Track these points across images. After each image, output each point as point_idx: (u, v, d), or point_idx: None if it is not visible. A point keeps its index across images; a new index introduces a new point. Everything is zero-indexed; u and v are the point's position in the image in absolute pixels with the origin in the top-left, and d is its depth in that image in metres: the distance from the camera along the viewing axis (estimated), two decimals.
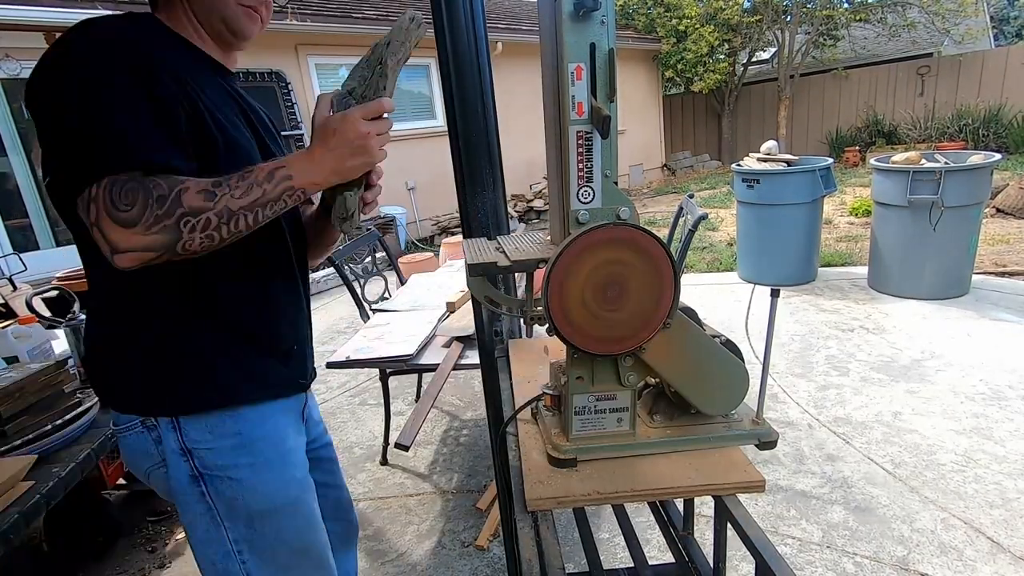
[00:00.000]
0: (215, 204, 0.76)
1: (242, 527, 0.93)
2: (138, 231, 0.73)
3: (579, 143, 0.74)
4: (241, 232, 0.80)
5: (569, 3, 0.69)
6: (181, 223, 0.74)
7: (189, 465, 0.90)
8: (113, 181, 0.73)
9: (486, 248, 0.91)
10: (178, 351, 0.89)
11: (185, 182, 0.76)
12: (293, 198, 0.82)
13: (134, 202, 0.73)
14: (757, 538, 0.75)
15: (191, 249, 0.77)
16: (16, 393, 1.50)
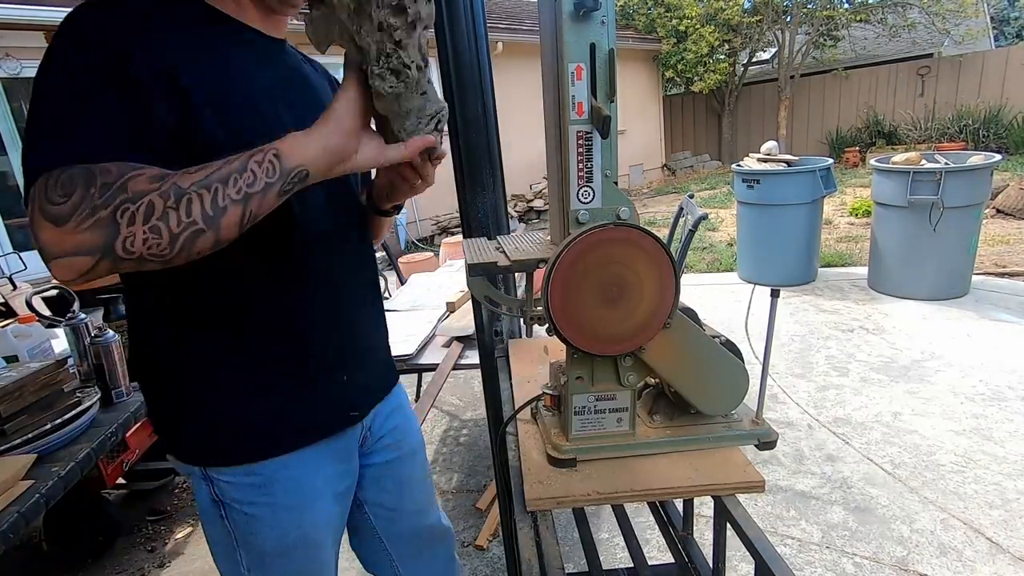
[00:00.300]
0: (161, 185, 0.60)
1: (256, 558, 0.89)
2: (68, 228, 0.59)
3: (579, 143, 0.74)
4: (195, 224, 0.61)
5: (569, 3, 0.68)
6: (118, 212, 0.59)
7: (211, 491, 0.86)
8: (49, 174, 0.61)
9: (486, 248, 0.91)
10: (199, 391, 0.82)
11: (142, 169, 0.62)
12: (264, 165, 0.64)
13: (71, 192, 0.59)
14: (757, 538, 0.75)
15: (135, 250, 0.60)
16: (16, 392, 1.49)
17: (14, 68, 5.39)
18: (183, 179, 0.62)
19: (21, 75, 5.44)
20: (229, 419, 0.82)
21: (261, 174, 0.64)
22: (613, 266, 0.75)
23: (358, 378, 0.93)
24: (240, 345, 0.81)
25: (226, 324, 0.80)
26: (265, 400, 0.83)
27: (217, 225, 0.63)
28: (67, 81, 0.64)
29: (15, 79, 5.45)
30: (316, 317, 0.86)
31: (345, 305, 0.90)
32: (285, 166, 0.66)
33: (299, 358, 0.85)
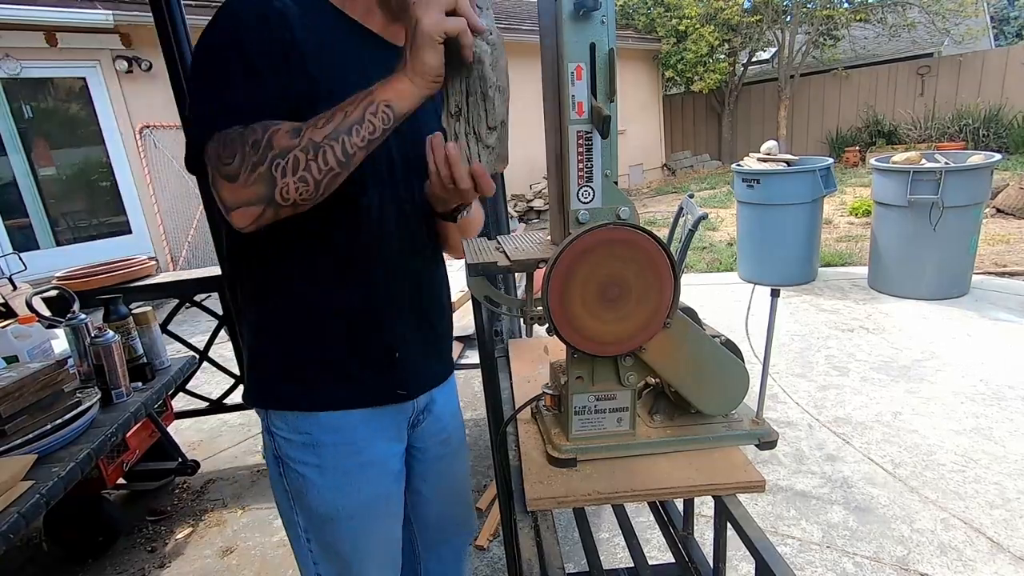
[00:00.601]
0: (300, 140, 0.72)
1: (308, 518, 0.95)
2: (240, 184, 0.72)
3: (579, 143, 0.74)
4: (333, 169, 0.73)
5: (569, 3, 0.68)
6: (273, 167, 0.71)
7: (272, 445, 0.94)
8: (221, 136, 0.73)
9: (486, 248, 0.91)
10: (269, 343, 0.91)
11: (279, 124, 0.73)
12: (378, 116, 0.73)
13: (234, 153, 0.72)
14: (757, 538, 0.75)
15: (290, 197, 0.72)
16: (16, 393, 1.49)
17: (14, 68, 5.38)
18: (315, 133, 0.72)
19: (21, 75, 5.44)
20: (285, 366, 0.91)
21: (379, 123, 0.74)
22: (613, 266, 0.75)
23: (411, 359, 0.97)
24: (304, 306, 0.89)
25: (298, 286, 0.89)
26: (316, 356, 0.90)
27: (348, 166, 0.75)
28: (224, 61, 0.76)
29: (15, 79, 5.45)
30: (379, 292, 0.92)
31: (408, 287, 0.96)
32: (396, 112, 0.75)
33: (357, 326, 0.91)
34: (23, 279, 2.48)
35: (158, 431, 2.25)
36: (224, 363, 2.91)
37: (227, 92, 0.76)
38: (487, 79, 0.77)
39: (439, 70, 0.74)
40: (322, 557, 0.98)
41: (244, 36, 0.76)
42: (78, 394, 1.71)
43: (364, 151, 0.75)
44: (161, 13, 2.21)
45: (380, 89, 0.74)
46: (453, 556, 1.25)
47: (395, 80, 0.74)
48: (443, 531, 1.20)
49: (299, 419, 0.91)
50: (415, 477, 1.10)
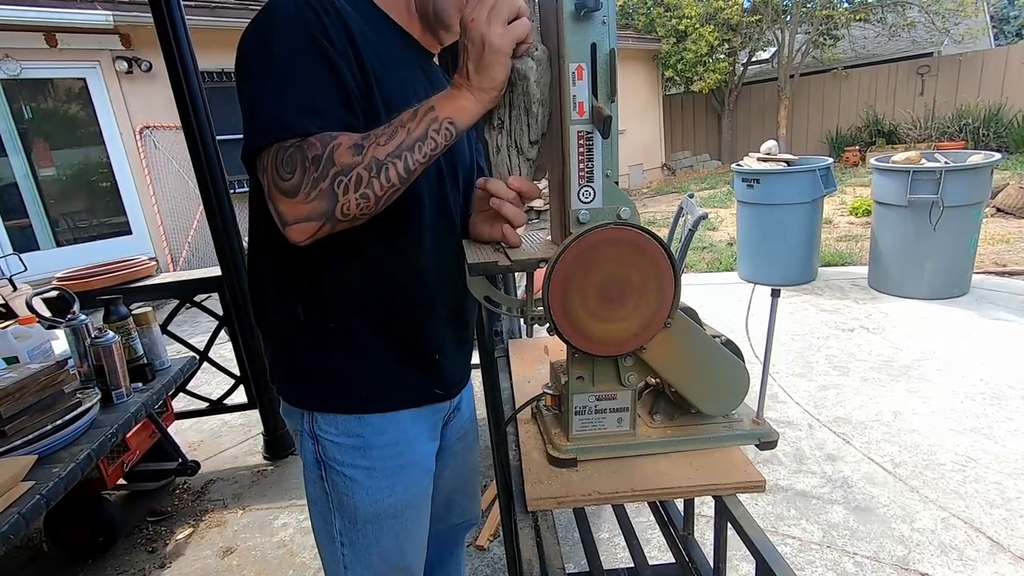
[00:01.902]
0: (363, 157, 0.71)
1: (347, 522, 0.95)
2: (300, 200, 0.71)
3: (580, 143, 0.74)
4: (394, 185, 0.73)
5: (570, 3, 0.68)
6: (335, 184, 0.70)
7: (315, 449, 0.93)
8: (279, 148, 0.72)
9: (486, 248, 0.91)
10: (316, 348, 0.90)
11: (338, 138, 0.72)
12: (441, 133, 0.74)
13: (294, 168, 0.71)
14: (757, 538, 0.75)
15: (350, 213, 0.72)
16: (16, 393, 1.50)
17: (14, 69, 5.38)
18: (378, 150, 0.71)
19: (21, 75, 5.44)
20: (336, 371, 0.91)
21: (441, 140, 0.74)
22: (613, 266, 0.75)
23: (449, 361, 1.00)
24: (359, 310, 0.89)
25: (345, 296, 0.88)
26: (367, 360, 0.91)
27: (408, 182, 0.75)
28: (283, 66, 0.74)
29: (15, 80, 5.45)
30: (425, 298, 0.93)
31: (448, 292, 0.97)
32: (459, 129, 0.76)
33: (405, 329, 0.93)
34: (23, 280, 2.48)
35: (158, 431, 2.25)
36: (224, 363, 2.91)
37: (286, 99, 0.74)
38: (531, 95, 0.77)
39: (504, 85, 0.75)
40: (354, 561, 0.98)
41: (305, 38, 0.75)
42: (78, 395, 1.71)
43: (424, 166, 0.75)
44: (161, 13, 2.21)
45: (441, 104, 0.74)
46: (454, 539, 1.29)
47: (458, 96, 0.74)
48: (446, 518, 1.22)
49: (350, 422, 0.91)
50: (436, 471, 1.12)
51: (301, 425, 0.94)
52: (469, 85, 0.74)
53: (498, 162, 0.83)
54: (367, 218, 0.75)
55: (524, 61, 0.75)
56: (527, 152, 0.81)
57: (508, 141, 0.81)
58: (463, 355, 1.07)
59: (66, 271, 2.73)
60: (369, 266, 0.88)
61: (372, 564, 0.98)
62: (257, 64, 0.76)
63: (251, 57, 0.77)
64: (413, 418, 0.96)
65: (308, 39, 0.75)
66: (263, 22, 0.76)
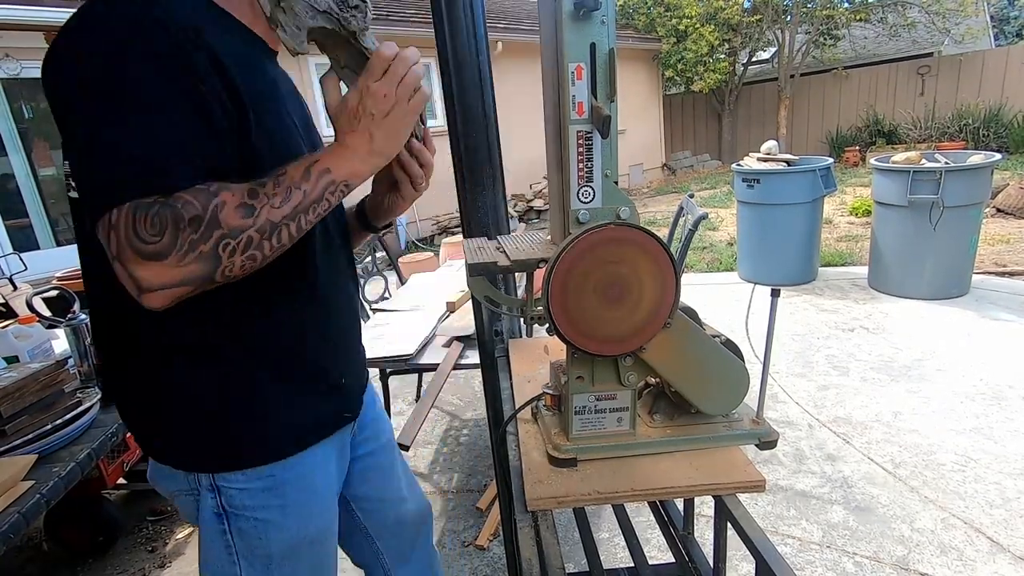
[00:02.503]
0: (255, 220, 0.65)
1: (258, 567, 0.89)
2: (170, 263, 0.62)
3: (579, 143, 0.74)
4: (285, 245, 0.70)
5: (569, 3, 0.68)
6: (220, 247, 0.64)
7: (216, 502, 0.85)
8: (136, 205, 0.62)
9: (486, 248, 0.91)
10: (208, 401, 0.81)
11: (221, 196, 0.64)
12: (336, 195, 0.72)
13: (162, 231, 0.61)
14: (757, 538, 0.75)
15: (231, 275, 0.67)
16: (16, 393, 1.50)
17: (14, 68, 5.38)
18: (273, 213, 0.67)
19: (21, 75, 5.44)
20: (242, 422, 0.83)
21: (334, 200, 0.73)
22: (613, 266, 0.75)
23: (351, 380, 0.98)
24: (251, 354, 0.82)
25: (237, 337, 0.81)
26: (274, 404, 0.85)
27: (296, 239, 0.72)
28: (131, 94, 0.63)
29: (15, 79, 5.45)
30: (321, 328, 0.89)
31: (343, 315, 0.95)
32: (351, 189, 0.75)
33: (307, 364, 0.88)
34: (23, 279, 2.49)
35: None
36: None
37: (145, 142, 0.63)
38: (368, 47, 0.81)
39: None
40: None
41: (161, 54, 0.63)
42: (78, 394, 1.71)
43: (315, 226, 0.75)
44: None
45: (337, 166, 0.72)
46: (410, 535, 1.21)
47: (353, 159, 0.73)
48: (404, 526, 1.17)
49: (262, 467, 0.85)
50: (358, 484, 1.08)
51: (193, 483, 0.85)
52: (370, 150, 0.74)
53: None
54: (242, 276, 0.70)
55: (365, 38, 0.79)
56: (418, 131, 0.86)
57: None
58: (360, 372, 1.04)
59: (66, 271, 2.73)
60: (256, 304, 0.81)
61: None
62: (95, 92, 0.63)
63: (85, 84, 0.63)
64: (324, 444, 0.92)
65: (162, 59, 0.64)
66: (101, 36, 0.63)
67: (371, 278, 3.10)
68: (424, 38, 7.31)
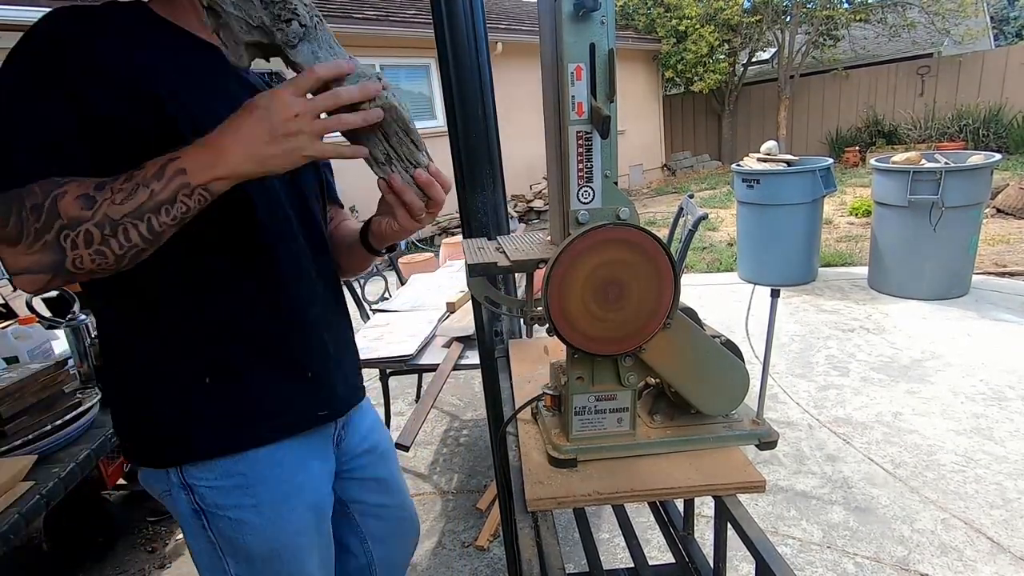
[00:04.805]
0: (93, 213, 0.64)
1: (244, 564, 0.89)
2: (20, 250, 0.65)
3: (579, 143, 0.74)
4: (137, 246, 0.67)
5: (569, 3, 0.68)
6: (61, 238, 0.64)
7: (190, 499, 0.85)
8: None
9: (486, 248, 0.91)
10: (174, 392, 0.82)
11: (64, 185, 0.65)
12: (193, 198, 0.67)
13: (7, 216, 0.64)
14: (757, 538, 0.75)
15: (85, 267, 0.66)
16: (16, 393, 1.49)
17: None
18: (112, 209, 0.65)
19: None
20: (201, 412, 0.83)
21: (194, 204, 0.68)
22: (613, 266, 0.75)
23: (324, 380, 0.94)
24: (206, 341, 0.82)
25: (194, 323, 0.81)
26: (235, 390, 0.84)
27: (157, 242, 0.69)
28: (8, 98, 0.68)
29: None
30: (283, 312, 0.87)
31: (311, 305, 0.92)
32: (216, 195, 0.70)
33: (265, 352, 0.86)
34: None
35: None
36: None
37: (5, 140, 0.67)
38: (403, 118, 0.77)
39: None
40: None
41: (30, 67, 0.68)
42: (78, 394, 1.70)
43: (177, 228, 0.69)
44: None
45: (196, 169, 0.66)
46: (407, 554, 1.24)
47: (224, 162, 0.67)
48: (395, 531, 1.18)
49: (227, 463, 0.85)
50: (353, 489, 1.08)
51: (167, 483, 0.85)
52: (249, 154, 0.67)
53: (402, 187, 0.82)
54: (113, 271, 0.69)
55: (382, 98, 0.74)
56: (423, 163, 0.81)
57: (403, 166, 0.80)
58: (345, 372, 1.01)
59: None
60: (216, 289, 0.81)
61: None
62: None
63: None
64: (298, 444, 0.91)
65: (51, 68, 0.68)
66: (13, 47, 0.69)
67: (371, 278, 3.10)
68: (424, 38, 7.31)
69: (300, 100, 0.68)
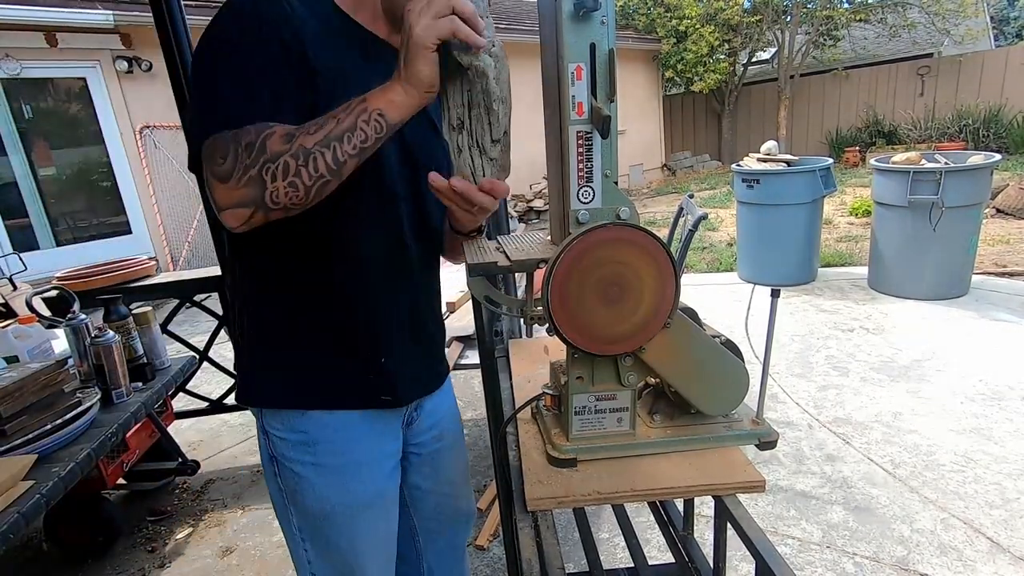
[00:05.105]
0: (292, 145, 0.71)
1: (303, 518, 0.96)
2: (231, 185, 0.72)
3: (579, 143, 0.74)
4: (323, 176, 0.73)
5: (569, 3, 0.68)
6: (263, 171, 0.71)
7: (267, 444, 0.94)
8: (216, 137, 0.73)
9: (486, 248, 0.91)
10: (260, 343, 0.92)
11: (273, 127, 0.72)
12: (371, 124, 0.73)
13: (226, 154, 0.72)
14: (757, 538, 0.75)
15: (280, 201, 0.73)
16: (16, 393, 1.49)
17: (14, 68, 5.38)
18: (307, 139, 0.72)
19: (21, 75, 5.44)
20: (279, 365, 0.92)
21: (371, 132, 0.74)
22: (613, 266, 0.75)
23: (399, 367, 0.97)
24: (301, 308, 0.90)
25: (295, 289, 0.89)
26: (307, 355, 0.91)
27: (340, 174, 0.75)
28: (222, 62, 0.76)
29: (15, 80, 5.45)
30: (368, 296, 0.92)
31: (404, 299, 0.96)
32: (389, 122, 0.75)
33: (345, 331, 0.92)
34: (23, 279, 2.48)
35: (158, 431, 2.25)
36: (224, 363, 2.91)
37: (224, 94, 0.76)
38: (491, 92, 0.77)
39: (432, 80, 0.74)
40: (317, 556, 0.98)
41: (243, 37, 0.76)
42: (78, 394, 1.71)
43: (356, 159, 0.74)
44: (161, 13, 2.21)
45: (374, 97, 0.74)
46: (450, 550, 1.26)
47: (389, 89, 0.74)
48: (439, 522, 1.21)
49: (295, 418, 0.91)
50: (413, 473, 1.12)
51: (257, 423, 0.95)
52: (399, 78, 0.74)
53: (460, 163, 0.82)
54: (301, 208, 0.75)
55: (481, 58, 0.75)
56: (489, 151, 0.81)
57: (470, 141, 0.80)
58: (422, 363, 1.03)
59: (66, 270, 2.73)
60: (308, 259, 0.88)
61: (333, 560, 0.98)
62: (200, 64, 0.78)
63: (196, 57, 0.79)
64: (362, 418, 0.95)
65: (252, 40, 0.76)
66: (215, 20, 0.77)
67: None
68: None
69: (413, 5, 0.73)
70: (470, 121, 0.79)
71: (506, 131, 0.80)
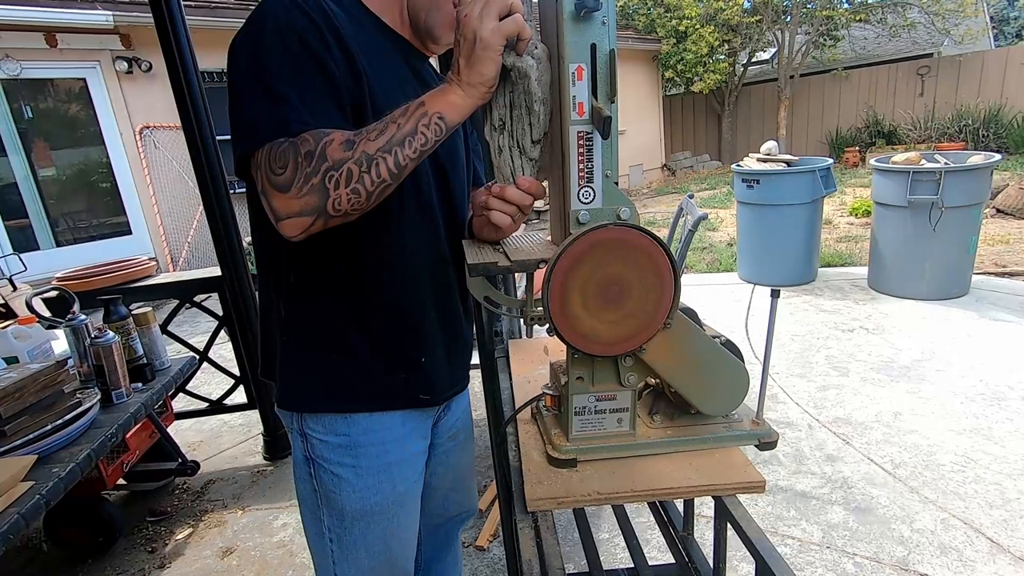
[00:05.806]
0: (354, 152, 0.71)
1: (336, 518, 0.96)
2: (292, 195, 0.71)
3: (580, 143, 0.74)
4: (385, 180, 0.73)
5: (570, 3, 0.68)
6: (326, 179, 0.71)
7: (304, 446, 0.95)
8: (272, 145, 0.72)
9: (486, 248, 0.91)
10: (301, 347, 0.92)
11: (331, 134, 0.72)
12: (431, 128, 0.74)
13: (286, 163, 0.71)
14: (757, 538, 0.75)
15: (341, 208, 0.72)
16: (16, 393, 1.49)
17: (14, 69, 5.38)
18: (368, 145, 0.72)
19: (21, 76, 5.44)
20: (321, 370, 0.92)
21: (431, 135, 0.74)
22: (613, 266, 0.75)
23: (437, 366, 0.99)
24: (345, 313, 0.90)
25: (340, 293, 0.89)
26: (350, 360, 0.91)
27: (400, 177, 0.75)
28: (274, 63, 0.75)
29: (15, 80, 5.45)
30: (408, 299, 0.93)
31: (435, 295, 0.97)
32: (448, 124, 0.75)
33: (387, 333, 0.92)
34: (23, 280, 2.48)
35: (158, 431, 2.25)
36: (224, 364, 2.91)
37: (276, 99, 0.75)
38: (532, 93, 0.77)
39: (494, 81, 0.75)
40: (342, 557, 0.99)
41: (288, 40, 0.75)
42: (78, 395, 1.70)
43: (416, 162, 0.75)
44: (161, 14, 2.21)
45: (431, 100, 0.74)
46: (447, 541, 1.31)
47: (448, 92, 0.74)
48: (441, 517, 1.24)
49: (336, 421, 0.92)
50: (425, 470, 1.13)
51: (291, 423, 0.96)
52: (459, 81, 0.74)
53: (501, 163, 0.83)
54: (359, 214, 0.75)
55: (524, 59, 0.75)
56: (529, 152, 0.81)
57: (510, 142, 0.81)
58: (455, 361, 1.05)
59: (66, 271, 2.73)
60: (351, 264, 0.88)
61: (359, 560, 0.99)
62: (249, 67, 0.76)
63: (242, 60, 0.77)
64: (402, 418, 0.97)
65: (299, 42, 0.75)
66: (254, 25, 0.77)
67: None
68: None
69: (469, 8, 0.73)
70: (511, 122, 0.80)
71: (546, 132, 0.80)
